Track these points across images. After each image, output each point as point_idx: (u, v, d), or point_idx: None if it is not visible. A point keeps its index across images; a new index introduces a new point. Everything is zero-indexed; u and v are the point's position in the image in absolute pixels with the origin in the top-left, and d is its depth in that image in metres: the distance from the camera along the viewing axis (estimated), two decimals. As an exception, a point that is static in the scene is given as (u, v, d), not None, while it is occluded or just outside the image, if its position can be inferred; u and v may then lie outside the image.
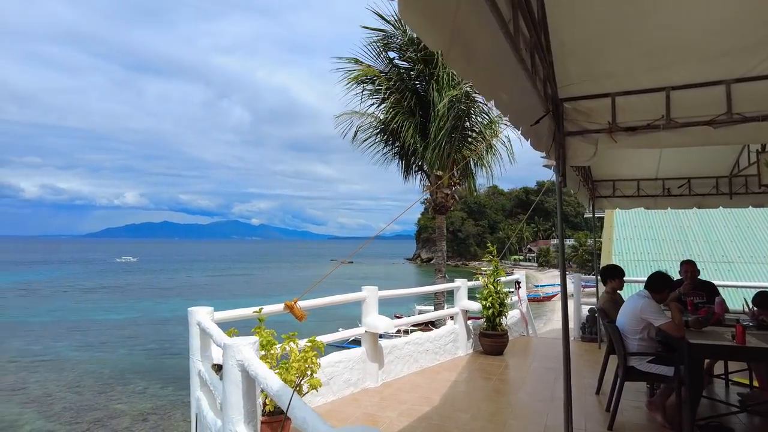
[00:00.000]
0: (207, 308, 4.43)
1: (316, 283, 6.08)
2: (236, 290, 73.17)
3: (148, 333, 40.61)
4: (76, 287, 76.25)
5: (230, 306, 17.09)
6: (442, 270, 11.34)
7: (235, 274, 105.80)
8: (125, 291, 71.51)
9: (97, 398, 24.80)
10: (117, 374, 28.72)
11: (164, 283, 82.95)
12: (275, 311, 4.74)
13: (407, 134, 10.42)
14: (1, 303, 57.95)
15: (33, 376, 28.15)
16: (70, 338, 38.03)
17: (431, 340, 7.05)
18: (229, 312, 4.70)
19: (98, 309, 53.41)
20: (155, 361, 31.72)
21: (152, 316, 48.75)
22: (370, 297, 5.90)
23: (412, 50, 10.98)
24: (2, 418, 22.20)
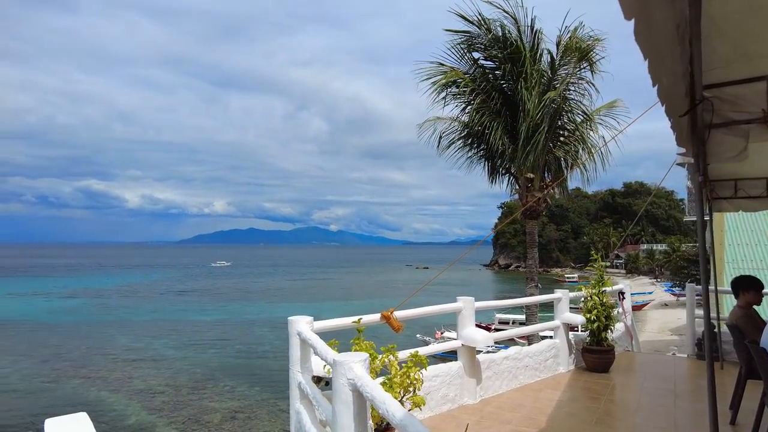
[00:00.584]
0: (306, 318, 4.32)
1: (415, 292, 5.87)
2: (318, 294, 75.22)
3: (237, 334, 42.62)
4: (173, 290, 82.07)
5: (312, 310, 17.13)
6: (534, 278, 10.69)
7: (317, 278, 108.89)
8: (217, 293, 75.85)
9: (191, 395, 26.29)
10: (208, 373, 30.30)
11: (252, 287, 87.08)
12: (373, 321, 4.56)
13: (494, 136, 9.97)
14: (108, 303, 63.57)
15: (137, 371, 30.41)
16: (167, 337, 40.76)
17: (531, 355, 6.57)
18: (328, 322, 4.57)
19: (191, 310, 56.99)
20: (242, 362, 33.15)
21: (240, 318, 51.20)
22: (466, 308, 5.57)
23: (497, 49, 10.56)
24: (112, 407, 24.14)
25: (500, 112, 10.37)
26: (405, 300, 4.46)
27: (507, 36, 10.46)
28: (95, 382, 28.11)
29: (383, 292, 78.75)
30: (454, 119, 11.15)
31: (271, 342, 39.20)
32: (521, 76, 10.02)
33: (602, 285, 7.30)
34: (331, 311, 56.06)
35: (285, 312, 54.85)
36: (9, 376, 29.12)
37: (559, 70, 10.40)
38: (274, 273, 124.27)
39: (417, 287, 25.00)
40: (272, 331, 43.82)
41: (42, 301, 64.85)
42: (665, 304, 54.16)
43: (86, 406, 23.89)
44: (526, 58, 10.25)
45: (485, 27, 10.38)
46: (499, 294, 74.61)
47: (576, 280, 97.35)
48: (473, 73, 10.95)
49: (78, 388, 27.00)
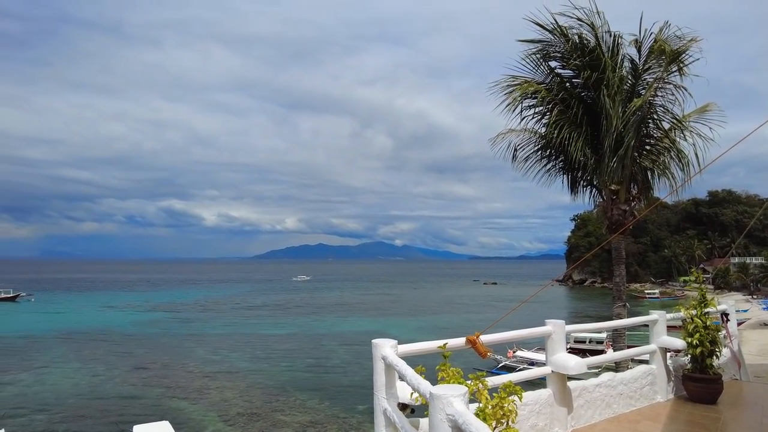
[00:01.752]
0: (391, 341, 4.16)
1: (507, 314, 5.58)
2: (385, 309, 75.30)
3: (307, 348, 43.36)
4: (248, 304, 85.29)
5: (379, 325, 16.86)
6: (622, 297, 9.88)
7: (383, 293, 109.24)
8: (289, 307, 77.94)
9: (264, 407, 26.91)
10: (280, 386, 30.94)
11: (321, 301, 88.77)
12: (458, 346, 4.33)
13: (575, 147, 9.45)
14: (187, 317, 66.99)
15: (214, 382, 31.62)
16: (242, 350, 42.19)
17: (625, 382, 6.03)
18: (413, 346, 4.39)
19: (264, 324, 58.81)
20: (313, 376, 33.59)
21: (310, 332, 52.12)
22: (556, 332, 5.18)
23: (575, 56, 10.08)
24: (191, 417, 25.18)
25: (581, 122, 9.84)
26: (494, 323, 4.20)
27: (585, 43, 9.99)
28: (176, 392, 29.49)
29: (451, 308, 77.53)
30: (530, 131, 10.73)
31: (340, 357, 39.51)
32: (602, 83, 9.47)
33: (705, 306, 6.61)
34: (398, 327, 55.88)
35: (352, 327, 55.33)
36: (103, 383, 31.24)
37: (642, 75, 9.77)
38: (343, 287, 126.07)
39: (485, 304, 24.63)
40: (341, 346, 44.24)
41: (129, 314, 69.52)
42: (765, 324, 49.27)
43: (168, 414, 25.06)
44: (606, 64, 9.71)
45: (562, 35, 9.97)
46: (576, 312, 71.19)
47: (657, 296, 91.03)
48: (550, 83, 10.52)
49: (161, 397, 28.43)
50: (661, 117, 9.92)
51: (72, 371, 34.37)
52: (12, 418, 23.82)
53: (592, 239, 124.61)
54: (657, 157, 9.99)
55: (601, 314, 53.55)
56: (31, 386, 30.60)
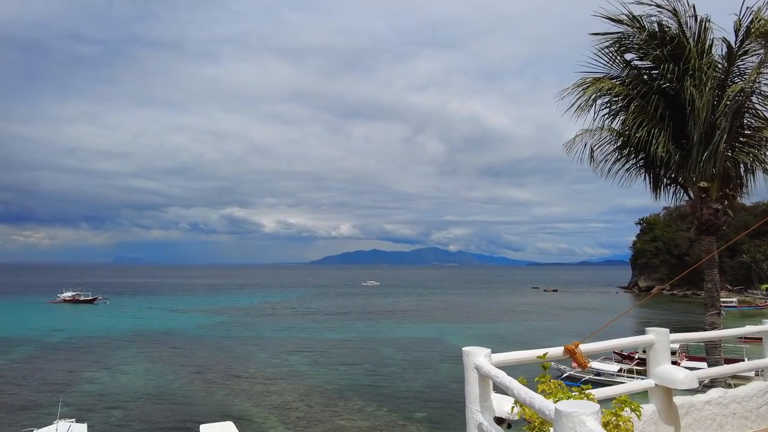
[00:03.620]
0: (484, 350, 3.80)
1: (611, 322, 5.10)
2: (440, 316, 74.45)
3: (364, 353, 43.39)
4: (309, 308, 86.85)
5: (435, 331, 16.17)
6: (715, 305, 8.95)
7: (439, 299, 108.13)
8: (352, 312, 78.68)
9: (323, 411, 27.01)
10: (339, 391, 31.02)
11: (378, 306, 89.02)
12: (556, 355, 3.93)
13: (658, 143, 8.71)
14: (248, 320, 68.95)
15: (274, 385, 32.17)
16: (301, 354, 42.79)
17: (738, 400, 5.35)
18: (507, 355, 4.01)
19: (322, 329, 59.56)
20: (371, 381, 33.49)
21: (366, 337, 52.21)
22: (660, 341, 4.62)
23: (654, 47, 9.34)
24: (253, 419, 25.63)
25: (662, 115, 9.08)
26: (594, 332, 3.78)
27: (666, 31, 9.23)
28: (239, 394, 30.20)
29: (510, 316, 75.48)
30: (606, 130, 10.04)
31: (396, 363, 39.24)
32: (687, 73, 8.69)
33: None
34: (454, 334, 54.95)
35: (408, 333, 54.84)
36: (171, 383, 32.52)
37: (737, 60, 8.89)
38: (397, 293, 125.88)
39: (546, 312, 23.49)
40: (397, 351, 43.96)
41: (194, 317, 72.45)
42: None
43: (231, 415, 25.62)
44: (691, 52, 8.92)
45: (638, 25, 9.27)
46: (647, 321, 67.40)
47: (735, 305, 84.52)
48: (626, 77, 9.81)
49: (224, 398, 29.19)
50: (762, 105, 8.97)
51: (143, 371, 36.03)
52: (93, 413, 25.14)
53: (659, 244, 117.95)
54: (757, 150, 9.04)
55: (675, 323, 50.29)
56: (107, 384, 32.31)
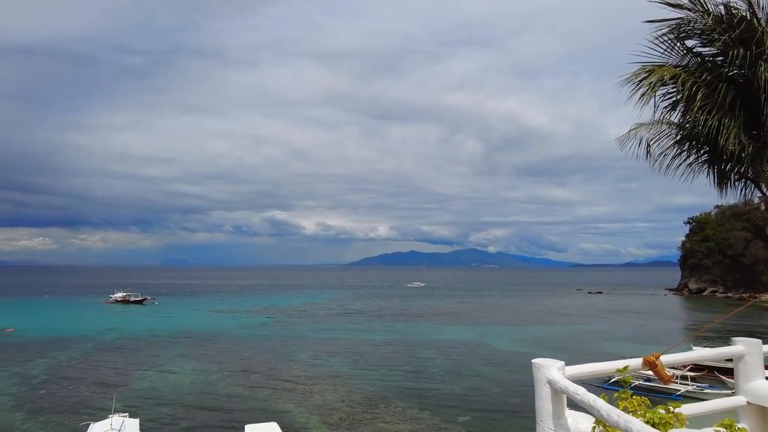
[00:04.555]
0: (557, 362, 3.48)
1: (699, 331, 4.73)
2: (480, 318, 73.39)
3: (405, 355, 43.19)
4: (349, 309, 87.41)
5: (476, 334, 15.57)
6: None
7: (478, 301, 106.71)
8: (392, 314, 78.70)
9: (365, 413, 26.96)
10: (380, 393, 30.93)
11: (416, 308, 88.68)
12: (635, 367, 3.60)
13: (729, 135, 8.12)
14: (290, 321, 69.92)
15: (316, 386, 32.40)
16: (342, 355, 42.97)
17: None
18: (583, 367, 3.69)
19: (362, 330, 59.72)
20: (412, 383, 33.23)
21: (407, 339, 51.97)
22: (751, 353, 4.13)
23: (719, 31, 8.71)
24: (296, 420, 25.86)
25: (732, 105, 8.46)
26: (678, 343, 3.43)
27: (733, 13, 8.59)
28: (282, 394, 30.57)
29: (553, 318, 73.55)
30: (665, 123, 9.45)
31: (437, 365, 38.83)
32: (761, 57, 8.05)
33: None
34: (496, 337, 53.98)
35: (448, 335, 54.24)
36: (216, 382, 33.29)
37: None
38: (435, 294, 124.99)
39: (592, 314, 22.53)
40: (438, 354, 43.51)
41: (238, 318, 74.12)
42: None
43: (275, 415, 25.94)
44: (765, 34, 8.25)
45: (701, 9, 8.66)
46: (696, 325, 64.25)
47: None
48: (688, 65, 9.21)
49: (268, 398, 29.60)
50: None
51: (189, 370, 37.03)
52: (144, 409, 25.94)
53: (711, 244, 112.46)
54: None
55: (733, 328, 47.62)
56: (156, 381, 33.37)
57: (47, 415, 26.01)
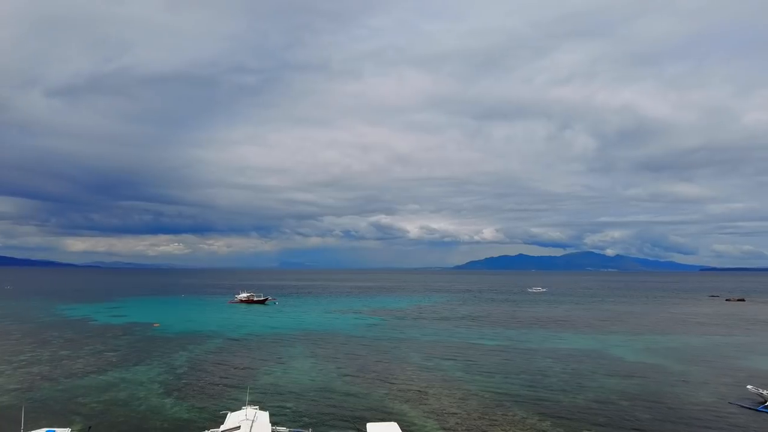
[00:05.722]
0: None
1: None
2: (601, 326, 68.64)
3: (520, 362, 41.69)
4: (452, 313, 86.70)
5: (598, 343, 14.09)
6: None
7: (599, 307, 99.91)
8: (503, 320, 76.81)
9: (481, 419, 26.34)
10: (496, 399, 30.08)
11: (527, 313, 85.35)
12: None
13: None
14: (401, 322, 70.90)
15: (430, 389, 32.38)
16: (454, 359, 42.59)
17: None
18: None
19: (473, 334, 58.74)
20: (529, 392, 31.92)
21: (522, 346, 50.15)
22: None
23: None
24: (413, 421, 25.90)
25: None
26: None
27: None
28: (397, 394, 31.00)
29: (685, 327, 66.53)
30: None
31: (556, 374, 36.91)
32: None
33: None
34: (621, 347, 49.99)
35: (567, 343, 51.47)
36: (334, 380, 34.71)
37: None
38: (550, 300, 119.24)
39: (733, 325, 20.06)
40: (556, 362, 41.40)
41: (351, 318, 76.84)
42: None
43: (392, 415, 26.36)
44: None
45: None
46: None
47: None
48: None
49: (384, 398, 30.17)
50: None
51: (309, 367, 39.03)
52: (270, 402, 27.83)
53: None
54: None
55: None
56: (280, 377, 35.64)
57: (190, 402, 28.90)
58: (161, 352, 45.05)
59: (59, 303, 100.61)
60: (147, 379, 34.45)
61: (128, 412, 26.82)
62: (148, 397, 29.77)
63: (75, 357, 42.01)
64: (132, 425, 24.82)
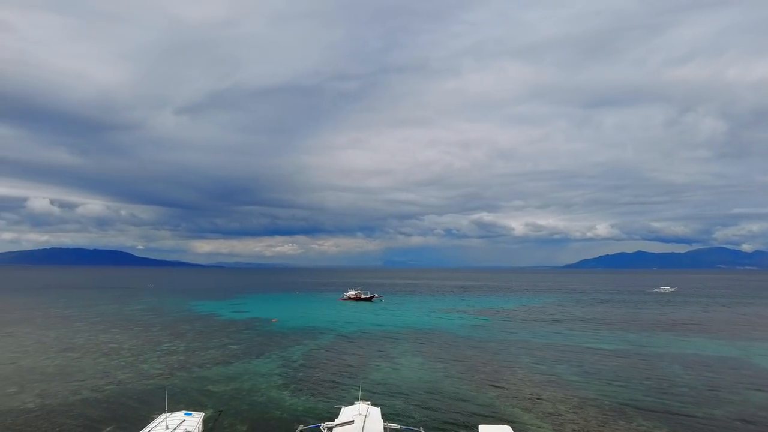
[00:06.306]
0: None
1: None
2: (741, 332, 61.03)
3: (643, 368, 38.44)
4: (564, 314, 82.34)
5: (735, 350, 12.18)
6: None
7: (735, 310, 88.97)
8: (621, 322, 71.69)
9: (602, 428, 24.56)
10: (617, 407, 27.97)
11: (648, 315, 78.58)
12: None
13: None
14: (509, 323, 68.80)
15: (544, 392, 30.95)
16: (568, 363, 40.36)
17: None
18: None
19: (587, 336, 55.27)
20: (655, 401, 29.28)
21: (644, 350, 46.24)
22: None
23: None
24: (526, 425, 24.84)
25: None
26: None
27: None
28: (508, 397, 30.04)
29: None
30: None
31: (687, 384, 33.45)
32: None
33: None
34: (762, 356, 43.88)
35: (698, 349, 46.87)
36: (443, 379, 34.55)
37: None
38: (671, 300, 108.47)
39: None
40: (685, 370, 37.58)
41: (456, 317, 76.12)
42: None
43: (503, 418, 25.63)
44: None
45: None
46: None
47: None
48: None
49: (495, 400, 29.41)
50: None
51: (417, 365, 39.25)
52: (380, 399, 28.42)
53: None
54: None
55: None
56: (389, 374, 36.25)
57: (306, 395, 30.44)
58: (279, 346, 48.04)
59: (190, 299, 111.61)
60: (267, 371, 36.89)
61: (251, 401, 28.90)
62: (268, 389, 31.85)
63: (205, 348, 46.21)
64: (255, 413, 26.70)
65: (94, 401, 28.80)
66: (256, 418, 25.82)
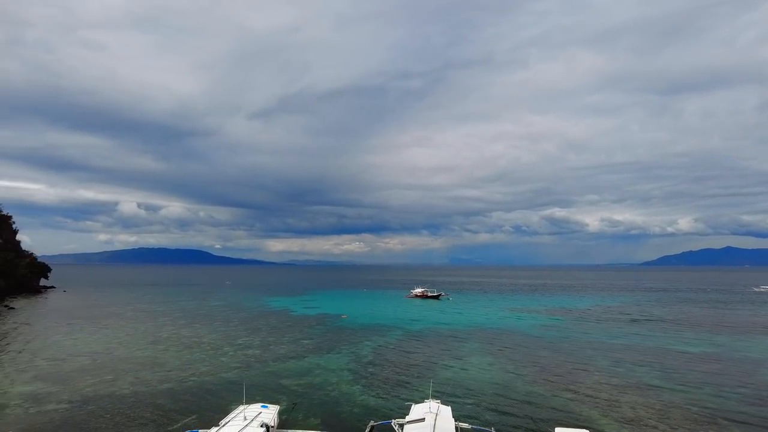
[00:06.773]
0: None
1: None
2: None
3: (736, 374, 35.54)
4: (645, 314, 77.75)
5: None
6: None
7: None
8: (709, 324, 66.89)
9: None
10: (707, 415, 26.04)
11: (742, 317, 72.47)
12: None
13: None
14: (583, 323, 65.95)
15: (623, 396, 29.38)
16: (649, 365, 38.12)
17: None
18: None
19: (670, 338, 51.92)
20: (752, 409, 27.01)
21: (737, 354, 42.75)
22: None
23: None
24: (604, 429, 23.87)
25: None
26: None
27: None
28: (584, 399, 28.81)
29: None
30: None
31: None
32: None
33: None
34: None
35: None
36: (514, 380, 33.70)
37: None
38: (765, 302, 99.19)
39: None
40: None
41: (528, 317, 74.02)
42: None
43: (580, 421, 24.58)
44: None
45: None
46: None
47: None
48: None
49: (570, 402, 28.29)
50: None
51: (487, 364, 38.57)
52: (450, 397, 28.21)
53: None
54: None
55: None
56: (459, 373, 35.89)
57: (376, 391, 30.79)
58: (349, 341, 48.96)
59: (265, 296, 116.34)
60: (338, 366, 37.70)
61: (323, 395, 29.65)
62: (339, 383, 32.54)
63: (279, 343, 47.99)
64: (327, 407, 27.36)
65: (178, 391, 30.73)
66: (328, 412, 26.45)
